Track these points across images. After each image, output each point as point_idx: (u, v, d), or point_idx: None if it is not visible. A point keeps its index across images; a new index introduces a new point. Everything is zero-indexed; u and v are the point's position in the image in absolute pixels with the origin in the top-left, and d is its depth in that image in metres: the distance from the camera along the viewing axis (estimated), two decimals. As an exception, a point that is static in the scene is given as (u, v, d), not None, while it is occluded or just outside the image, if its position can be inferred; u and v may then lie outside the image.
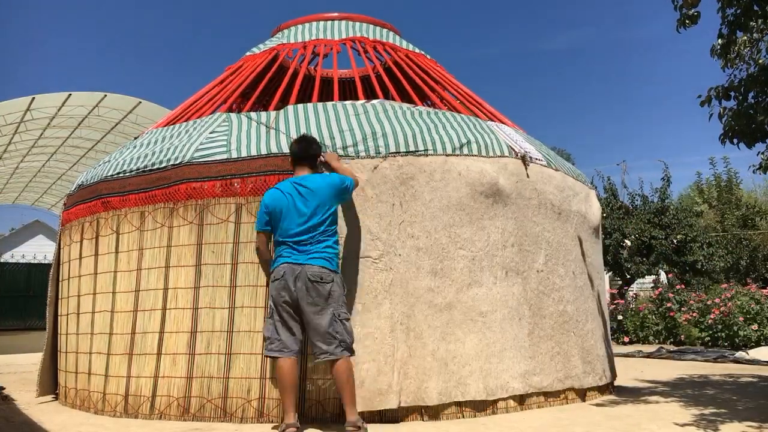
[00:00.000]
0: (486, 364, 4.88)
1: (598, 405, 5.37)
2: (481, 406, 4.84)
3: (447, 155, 5.06)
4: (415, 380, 4.66)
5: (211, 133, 5.35)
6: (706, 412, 5.01)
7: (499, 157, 5.31)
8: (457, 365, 4.79)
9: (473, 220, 5.05)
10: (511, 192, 5.28)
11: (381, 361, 4.61)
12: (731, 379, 7.25)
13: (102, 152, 19.44)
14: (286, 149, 4.94)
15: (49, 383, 6.18)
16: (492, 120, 6.36)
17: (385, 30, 7.56)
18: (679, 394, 6.03)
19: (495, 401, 4.89)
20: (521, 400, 5.03)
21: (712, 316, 11.51)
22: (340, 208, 4.65)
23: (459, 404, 4.77)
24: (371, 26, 7.50)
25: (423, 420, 4.65)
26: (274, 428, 4.38)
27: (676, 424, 4.49)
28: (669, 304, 12.51)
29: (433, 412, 4.68)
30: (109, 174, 5.55)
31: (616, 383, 6.39)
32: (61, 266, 6.22)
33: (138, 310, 5.09)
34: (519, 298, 5.18)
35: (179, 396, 4.76)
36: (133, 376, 4.97)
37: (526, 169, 5.45)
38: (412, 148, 5.00)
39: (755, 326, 11.02)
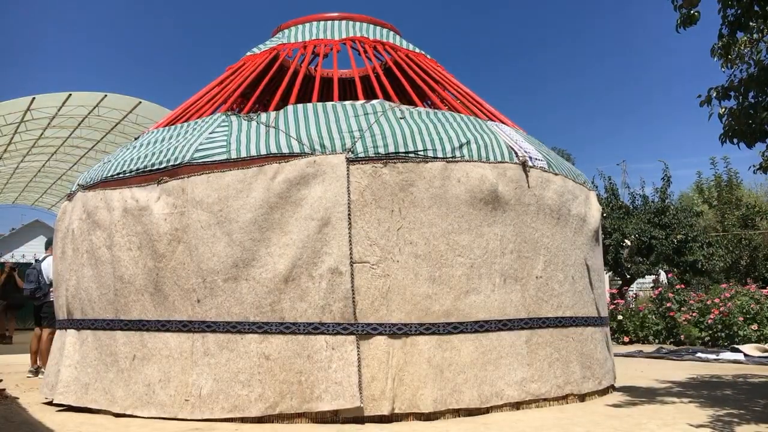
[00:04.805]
0: (481, 372, 4.87)
1: (597, 405, 5.37)
2: (475, 413, 4.82)
3: (447, 161, 5.03)
4: (410, 387, 4.66)
5: (210, 133, 5.34)
6: (721, 412, 4.99)
7: (499, 162, 5.28)
8: (453, 372, 4.78)
9: (472, 227, 5.03)
10: (510, 198, 5.25)
11: (375, 367, 4.62)
12: (741, 380, 7.23)
13: (102, 152, 19.43)
14: (285, 149, 4.94)
15: None
16: (492, 120, 6.36)
17: (385, 30, 7.56)
18: (680, 394, 6.03)
19: (489, 408, 4.88)
20: (517, 406, 5.02)
21: (711, 316, 11.51)
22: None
23: (453, 411, 4.76)
24: (371, 26, 7.49)
25: (420, 420, 4.66)
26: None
27: (690, 425, 4.48)
28: (669, 304, 12.50)
29: (426, 418, 4.69)
30: (109, 174, 5.55)
31: (616, 383, 6.39)
32: None
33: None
34: (517, 305, 5.17)
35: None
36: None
37: (526, 175, 5.39)
38: (411, 149, 4.99)
39: (755, 326, 11.02)
